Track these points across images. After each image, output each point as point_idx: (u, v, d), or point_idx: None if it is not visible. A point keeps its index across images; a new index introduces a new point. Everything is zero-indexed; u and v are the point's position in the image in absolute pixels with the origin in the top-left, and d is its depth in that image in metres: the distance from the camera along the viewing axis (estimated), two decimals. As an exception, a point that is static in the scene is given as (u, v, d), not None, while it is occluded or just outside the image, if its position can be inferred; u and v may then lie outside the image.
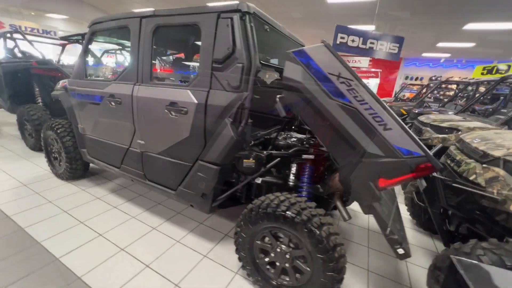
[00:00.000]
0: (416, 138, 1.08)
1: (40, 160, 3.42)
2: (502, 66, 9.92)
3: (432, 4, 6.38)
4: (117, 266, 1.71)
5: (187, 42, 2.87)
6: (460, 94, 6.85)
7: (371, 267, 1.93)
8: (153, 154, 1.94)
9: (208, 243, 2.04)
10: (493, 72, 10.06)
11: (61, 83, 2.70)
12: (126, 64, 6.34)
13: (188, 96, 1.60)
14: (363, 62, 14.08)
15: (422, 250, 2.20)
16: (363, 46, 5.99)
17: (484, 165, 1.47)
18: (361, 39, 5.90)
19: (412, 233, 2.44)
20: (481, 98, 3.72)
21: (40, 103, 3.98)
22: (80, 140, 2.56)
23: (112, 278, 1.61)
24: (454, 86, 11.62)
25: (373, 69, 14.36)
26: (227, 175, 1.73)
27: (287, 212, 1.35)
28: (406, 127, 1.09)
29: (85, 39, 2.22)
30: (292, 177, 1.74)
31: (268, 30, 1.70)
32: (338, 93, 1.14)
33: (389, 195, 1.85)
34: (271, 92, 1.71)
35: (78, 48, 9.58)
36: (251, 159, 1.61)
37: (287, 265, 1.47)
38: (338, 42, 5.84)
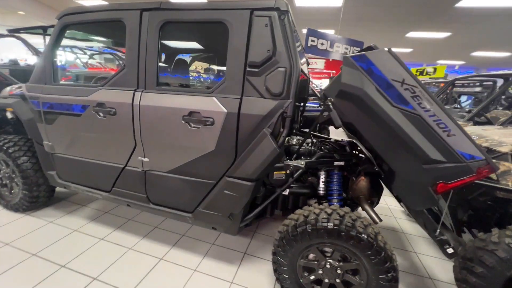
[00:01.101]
0: (476, 141, 1.13)
1: (-26, 189, 2.62)
2: (430, 69, 11.98)
3: (386, 13, 7.16)
4: (131, 317, 1.39)
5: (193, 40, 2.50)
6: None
7: (391, 264, 1.99)
8: (161, 172, 1.63)
9: (229, 266, 1.83)
10: (424, 73, 12.06)
11: (9, 90, 2.10)
12: (80, 63, 5.41)
13: (215, 105, 1.38)
14: (319, 64, 15.11)
15: (423, 239, 2.38)
16: (331, 49, 6.37)
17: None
18: (329, 42, 6.25)
19: (409, 224, 2.63)
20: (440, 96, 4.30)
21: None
22: (45, 161, 2.03)
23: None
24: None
25: (325, 70, 15.62)
26: (258, 191, 1.57)
27: (341, 226, 1.27)
28: (466, 131, 1.13)
29: (53, 34, 1.74)
30: (322, 185, 1.68)
31: (296, 32, 1.59)
32: (401, 100, 1.11)
33: None
34: None
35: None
36: (288, 171, 1.48)
37: (337, 280, 1.39)
38: (309, 45, 6.06)
